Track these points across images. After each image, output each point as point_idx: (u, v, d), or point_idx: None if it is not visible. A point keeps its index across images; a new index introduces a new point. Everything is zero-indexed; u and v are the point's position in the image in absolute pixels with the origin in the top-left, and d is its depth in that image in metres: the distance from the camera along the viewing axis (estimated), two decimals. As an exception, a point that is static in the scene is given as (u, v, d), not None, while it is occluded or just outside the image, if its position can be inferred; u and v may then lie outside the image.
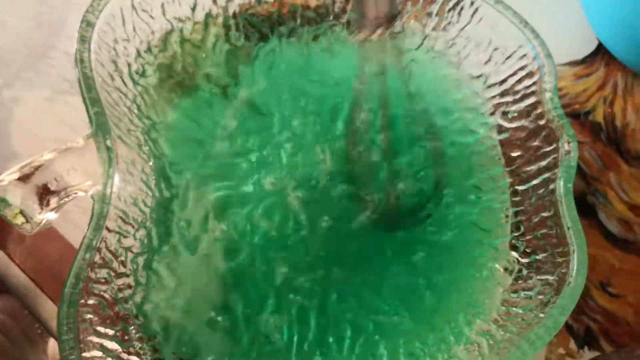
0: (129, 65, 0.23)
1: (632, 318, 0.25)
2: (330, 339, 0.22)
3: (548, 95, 0.22)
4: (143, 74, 0.24)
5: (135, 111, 0.23)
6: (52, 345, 0.26)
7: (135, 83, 0.24)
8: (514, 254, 0.22)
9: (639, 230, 0.27)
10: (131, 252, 0.21)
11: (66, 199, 0.20)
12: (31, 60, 0.28)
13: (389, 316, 0.23)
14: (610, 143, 0.28)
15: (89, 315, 0.19)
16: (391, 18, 0.25)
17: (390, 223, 0.24)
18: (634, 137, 0.28)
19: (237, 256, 0.23)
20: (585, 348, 0.25)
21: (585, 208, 0.27)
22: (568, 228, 0.20)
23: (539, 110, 0.22)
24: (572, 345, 0.25)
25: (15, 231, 0.26)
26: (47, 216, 0.20)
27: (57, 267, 0.25)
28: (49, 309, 0.25)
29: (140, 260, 0.22)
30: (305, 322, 0.23)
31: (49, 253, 0.25)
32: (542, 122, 0.22)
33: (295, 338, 0.22)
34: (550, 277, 0.20)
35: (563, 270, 0.19)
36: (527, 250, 0.22)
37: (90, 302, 0.19)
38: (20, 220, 0.19)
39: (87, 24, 0.21)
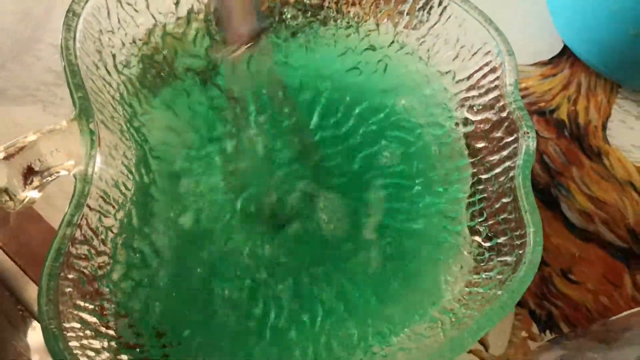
0: (114, 55, 0.24)
1: (591, 304, 0.27)
2: (304, 318, 0.23)
3: (510, 89, 0.23)
4: (127, 65, 0.25)
5: (118, 99, 0.24)
6: (34, 327, 0.27)
7: (119, 73, 0.25)
8: (477, 238, 0.24)
9: (598, 222, 0.28)
10: (111, 231, 0.22)
11: (49, 178, 0.21)
12: (17, 53, 0.29)
13: (358, 299, 0.24)
14: (573, 139, 0.30)
15: (69, 289, 0.19)
16: (255, 35, 0.25)
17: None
18: (596, 134, 0.30)
19: (213, 239, 0.24)
20: (547, 332, 0.26)
21: (549, 200, 0.29)
22: (525, 211, 0.21)
23: (501, 103, 0.23)
24: (535, 329, 0.26)
25: (-1, 215, 0.26)
26: (31, 194, 0.21)
27: (40, 250, 0.26)
28: (31, 292, 0.26)
29: (120, 240, 0.23)
30: (280, 302, 0.24)
31: (33, 236, 0.26)
32: (504, 114, 0.23)
33: (271, 316, 0.23)
34: (509, 258, 0.21)
35: (520, 252, 0.21)
36: (489, 235, 0.23)
37: (70, 276, 0.20)
38: (4, 198, 0.20)
39: (73, 14, 0.22)
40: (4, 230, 0.26)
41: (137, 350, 0.21)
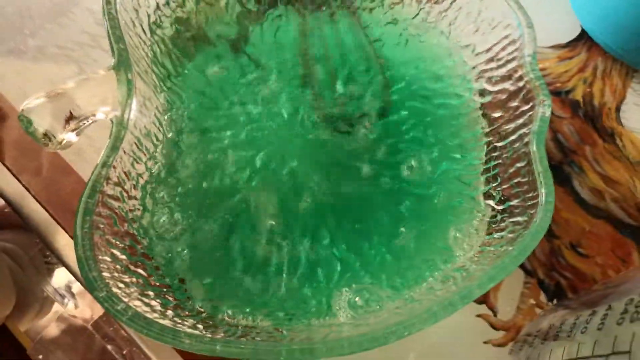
0: (149, 15, 0.26)
1: (599, 277, 0.27)
2: (320, 273, 0.24)
3: (528, 59, 0.24)
4: (160, 26, 0.26)
5: (152, 57, 0.25)
6: (57, 274, 0.28)
7: (152, 32, 0.26)
8: (491, 202, 0.24)
9: (609, 199, 0.29)
10: (142, 178, 0.23)
11: (85, 122, 0.22)
12: (54, 14, 0.30)
13: (373, 256, 0.25)
14: (587, 120, 0.30)
15: (102, 225, 0.21)
16: None
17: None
18: (610, 116, 0.31)
19: (235, 194, 0.25)
20: (555, 301, 0.27)
21: (562, 177, 0.29)
22: (539, 174, 0.22)
23: (519, 74, 0.24)
24: (542, 298, 0.27)
25: (32, 164, 0.28)
26: (69, 137, 0.22)
27: (71, 200, 0.27)
28: (60, 239, 0.27)
29: (148, 188, 0.24)
30: (297, 257, 0.25)
31: (64, 187, 0.27)
32: (521, 84, 0.24)
33: (288, 269, 0.24)
34: (520, 219, 0.22)
35: (532, 211, 0.21)
36: (502, 198, 0.24)
37: (104, 213, 0.21)
38: (44, 139, 0.21)
39: (114, -29, 0.23)
40: (36, 180, 0.27)
41: (164, 289, 0.22)
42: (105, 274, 0.20)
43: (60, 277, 0.28)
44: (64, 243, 0.27)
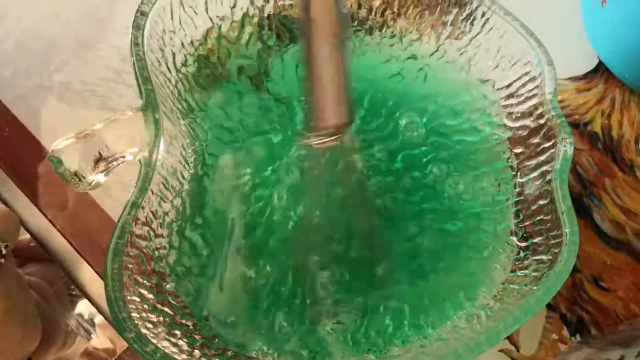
0: (174, 54, 0.26)
1: (621, 311, 0.27)
2: (343, 312, 0.24)
3: (548, 97, 0.24)
4: (184, 63, 0.27)
5: (177, 95, 0.26)
6: (79, 306, 0.29)
7: (177, 70, 0.26)
8: (513, 238, 0.24)
9: (630, 232, 0.29)
10: (168, 216, 0.24)
11: (114, 163, 0.22)
12: (80, 50, 0.31)
13: (395, 294, 0.25)
14: (606, 152, 0.31)
15: (130, 265, 0.21)
16: (346, 125, 0.22)
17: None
18: (629, 147, 0.31)
19: (258, 232, 0.26)
20: (577, 335, 0.27)
21: (582, 209, 0.29)
22: (562, 213, 0.22)
23: (539, 111, 0.24)
24: (565, 332, 0.27)
25: (58, 200, 0.28)
26: (98, 177, 0.22)
27: (95, 235, 0.27)
28: (84, 272, 0.27)
29: (175, 226, 0.24)
30: (320, 295, 0.25)
31: (88, 222, 0.28)
32: (542, 121, 0.24)
33: (311, 307, 0.24)
34: (544, 257, 0.22)
35: (556, 250, 0.22)
36: (525, 235, 0.24)
37: (132, 253, 0.21)
38: (74, 179, 0.22)
39: (142, 14, 0.24)
40: (62, 214, 0.28)
41: (190, 327, 0.22)
42: (134, 314, 0.20)
43: (84, 310, 0.29)
44: (89, 277, 0.27)
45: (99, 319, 0.29)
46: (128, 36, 0.32)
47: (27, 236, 0.28)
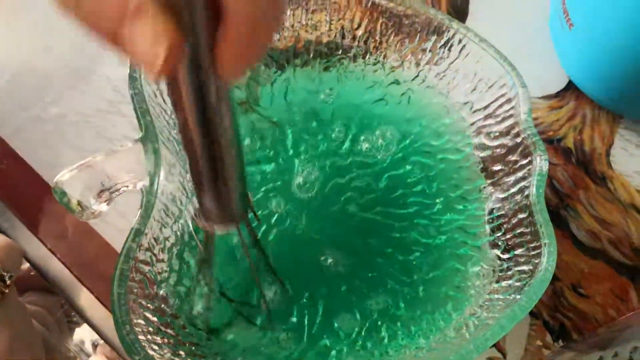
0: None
1: (600, 316, 0.29)
2: (336, 325, 0.26)
3: (523, 117, 0.26)
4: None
5: (172, 124, 0.27)
6: (76, 333, 0.29)
7: (172, 101, 0.27)
8: (496, 251, 0.26)
9: (605, 240, 0.31)
10: (168, 241, 0.25)
11: (116, 193, 0.23)
12: (74, 82, 0.32)
13: (389, 307, 0.26)
14: (579, 165, 0.32)
15: (135, 289, 0.22)
16: (240, 217, 0.20)
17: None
18: (600, 161, 0.33)
19: (254, 254, 0.27)
20: (560, 341, 0.28)
21: (559, 220, 0.31)
22: (540, 225, 0.23)
23: (516, 130, 0.26)
24: (549, 338, 0.28)
25: (57, 229, 0.29)
26: (100, 207, 0.23)
27: (95, 261, 0.28)
28: (84, 298, 0.28)
29: (174, 250, 0.25)
30: (316, 311, 0.26)
31: (87, 249, 0.28)
32: (518, 140, 0.26)
33: (308, 325, 0.25)
34: (525, 267, 0.24)
35: (536, 261, 0.23)
36: (507, 247, 0.25)
37: (137, 277, 0.22)
38: (77, 209, 0.23)
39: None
40: (62, 243, 0.29)
41: (193, 348, 0.23)
42: (140, 337, 0.21)
43: (84, 336, 0.29)
44: (89, 302, 0.28)
45: (98, 342, 0.29)
46: (119, 67, 0.33)
47: (27, 265, 0.29)
